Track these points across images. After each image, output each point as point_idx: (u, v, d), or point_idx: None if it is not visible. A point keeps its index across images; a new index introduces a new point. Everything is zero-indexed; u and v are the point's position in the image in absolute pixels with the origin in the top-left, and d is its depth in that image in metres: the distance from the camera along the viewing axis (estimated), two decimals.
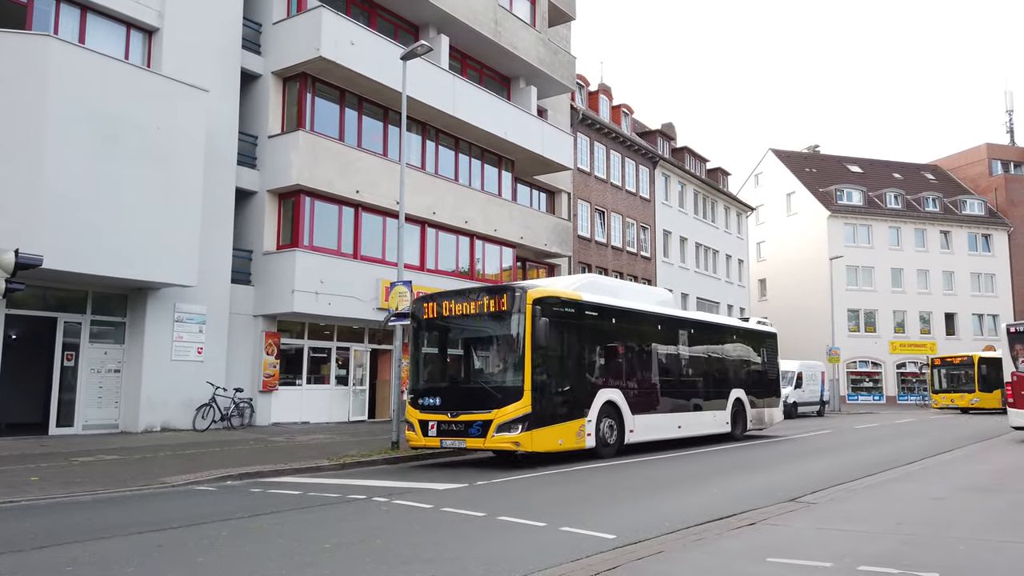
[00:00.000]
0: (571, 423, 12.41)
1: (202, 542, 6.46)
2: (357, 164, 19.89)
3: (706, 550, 6.07)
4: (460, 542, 6.44)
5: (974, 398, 35.57)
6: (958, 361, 37.12)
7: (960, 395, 36.29)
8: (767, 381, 19.82)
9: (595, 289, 14.39)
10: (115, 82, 15.09)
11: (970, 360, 36.36)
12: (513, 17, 25.26)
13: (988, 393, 34.77)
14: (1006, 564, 5.55)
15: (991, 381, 34.47)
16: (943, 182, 59.63)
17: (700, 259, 42.03)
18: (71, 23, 15.98)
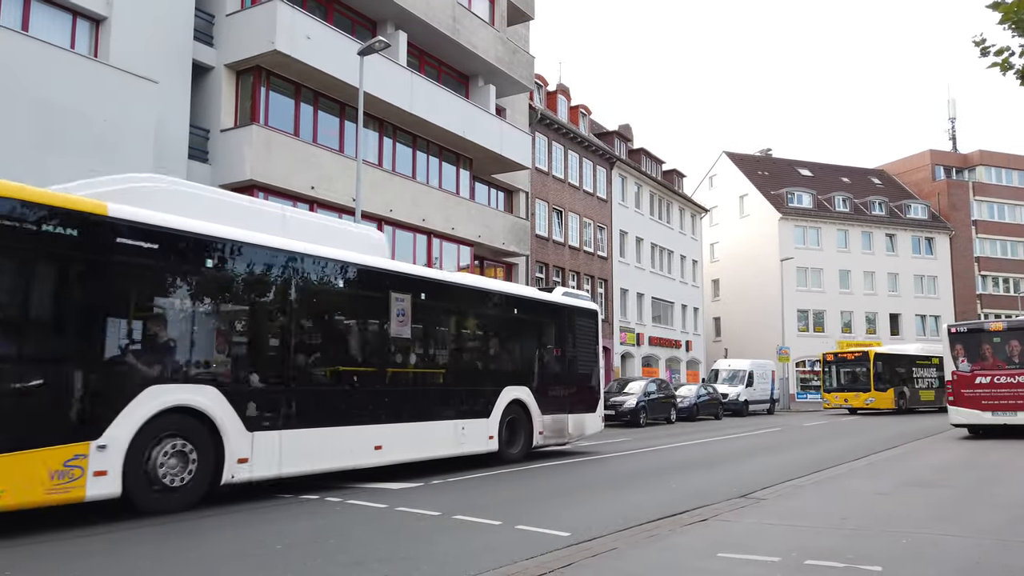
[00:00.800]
0: None
1: (149, 545, 6.30)
2: (312, 160, 19.62)
3: (659, 546, 6.16)
4: (414, 541, 6.40)
5: (868, 398, 32.83)
6: (852, 357, 34.43)
7: (854, 394, 33.32)
8: (575, 377, 14.43)
9: (156, 200, 7.98)
10: (60, 72, 14.58)
11: (865, 356, 33.71)
12: (472, 15, 25.21)
13: (883, 392, 32.67)
14: (945, 556, 5.75)
15: (886, 379, 33.08)
16: (889, 187, 61.42)
17: (655, 259, 42.54)
18: (14, 10, 15.40)
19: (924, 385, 35.28)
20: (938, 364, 32.89)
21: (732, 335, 51.87)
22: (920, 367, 35.43)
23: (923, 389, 35.12)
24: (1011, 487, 9.67)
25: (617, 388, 25.07)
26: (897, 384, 33.38)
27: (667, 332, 42.89)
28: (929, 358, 35.43)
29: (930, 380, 35.34)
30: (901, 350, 36.68)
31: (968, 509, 7.96)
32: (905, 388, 33.83)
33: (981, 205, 59.43)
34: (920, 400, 34.71)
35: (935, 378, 34.53)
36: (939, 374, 32.76)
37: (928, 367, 35.46)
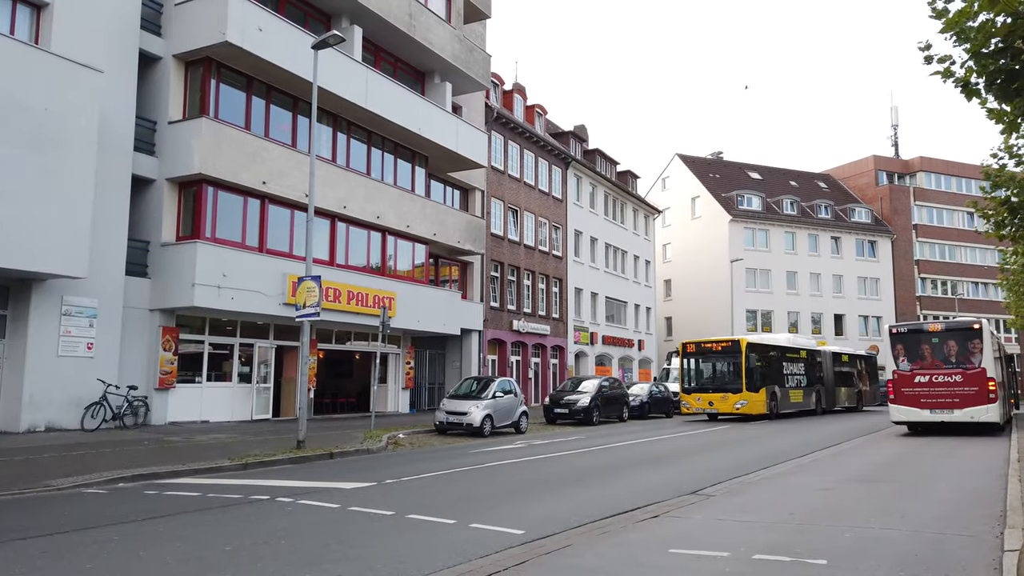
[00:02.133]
0: None
1: (91, 548, 6.10)
2: (264, 154, 19.24)
3: (612, 542, 6.22)
4: (367, 541, 6.34)
5: (739, 400, 25.48)
6: (719, 347, 26.90)
7: (721, 395, 25.88)
8: None
9: None
10: None
11: (736, 347, 26.30)
12: (428, 12, 25.04)
13: (755, 393, 25.64)
14: (886, 549, 5.93)
15: (758, 377, 26.07)
16: (834, 191, 63.09)
17: (609, 259, 42.92)
18: None
19: (793, 384, 29.08)
20: (807, 359, 30.37)
21: (683, 334, 52.50)
22: (790, 362, 29.33)
23: (792, 389, 28.91)
24: (948, 482, 10.04)
25: (571, 387, 25.19)
26: (769, 383, 26.96)
27: (620, 331, 43.33)
28: (798, 351, 30.22)
29: (798, 378, 29.59)
30: (773, 340, 30.56)
31: (908, 504, 8.23)
32: (777, 388, 27.56)
33: (921, 210, 61.49)
34: (790, 402, 28.61)
35: (802, 376, 29.95)
36: (808, 372, 30.16)
37: (796, 362, 29.82)
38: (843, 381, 34.22)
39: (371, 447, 14.23)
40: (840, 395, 33.49)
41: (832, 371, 32.94)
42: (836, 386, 33.16)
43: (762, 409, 25.96)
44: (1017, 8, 6.78)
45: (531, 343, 33.86)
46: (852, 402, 34.81)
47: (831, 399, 32.45)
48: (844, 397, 33.87)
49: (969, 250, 61.75)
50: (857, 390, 35.47)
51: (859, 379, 36.07)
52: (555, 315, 36.17)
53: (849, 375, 35.14)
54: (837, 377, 33.49)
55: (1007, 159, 13.64)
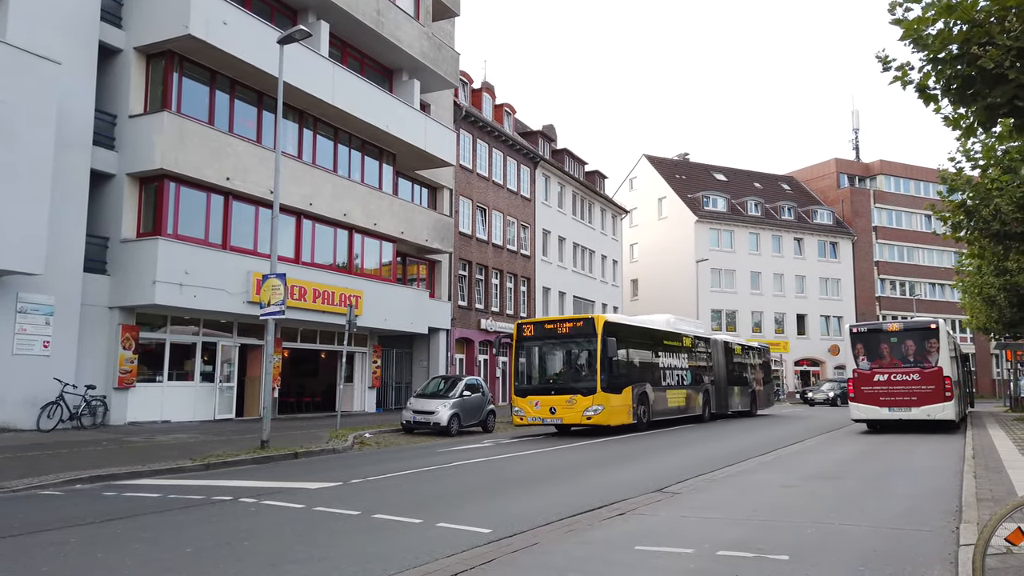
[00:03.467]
0: None
1: (48, 550, 5.94)
2: (228, 150, 18.93)
3: (578, 540, 6.24)
4: (333, 542, 6.27)
5: (593, 405, 18.04)
6: (567, 328, 19.24)
7: (566, 398, 18.44)
8: None
9: None
10: None
11: (589, 327, 18.72)
12: (396, 8, 24.86)
13: (615, 395, 18.42)
14: (846, 544, 6.04)
15: (621, 371, 19.09)
16: (797, 193, 64.18)
17: (577, 259, 43.10)
18: None
19: (672, 382, 22.19)
20: (691, 349, 24.06)
21: None
22: (668, 352, 22.32)
23: (671, 388, 21.93)
24: (906, 478, 10.27)
25: None
26: (637, 381, 19.82)
27: None
28: (679, 338, 23.29)
29: (680, 375, 22.80)
30: (645, 322, 23.45)
31: (868, 500, 8.40)
32: (649, 388, 20.37)
33: (881, 212, 62.86)
34: (667, 406, 21.57)
35: (685, 371, 23.20)
36: (693, 367, 23.81)
37: (677, 353, 22.89)
38: (737, 379, 28.14)
39: (337, 447, 14.10)
40: (733, 396, 27.44)
41: (725, 366, 26.97)
42: (729, 385, 27.14)
43: (625, 417, 18.70)
44: (973, 16, 6.95)
45: (499, 342, 33.86)
46: (745, 405, 28.84)
47: (723, 401, 26.42)
48: (738, 399, 27.99)
49: (927, 252, 63.29)
50: (751, 390, 29.65)
51: (753, 376, 30.27)
52: (523, 314, 36.20)
53: (743, 371, 29.20)
54: (731, 374, 27.37)
55: (964, 163, 14.01)
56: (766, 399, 32.02)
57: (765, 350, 33.39)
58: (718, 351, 26.92)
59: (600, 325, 18.50)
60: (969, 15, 6.92)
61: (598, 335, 18.30)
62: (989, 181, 14.89)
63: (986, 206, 15.44)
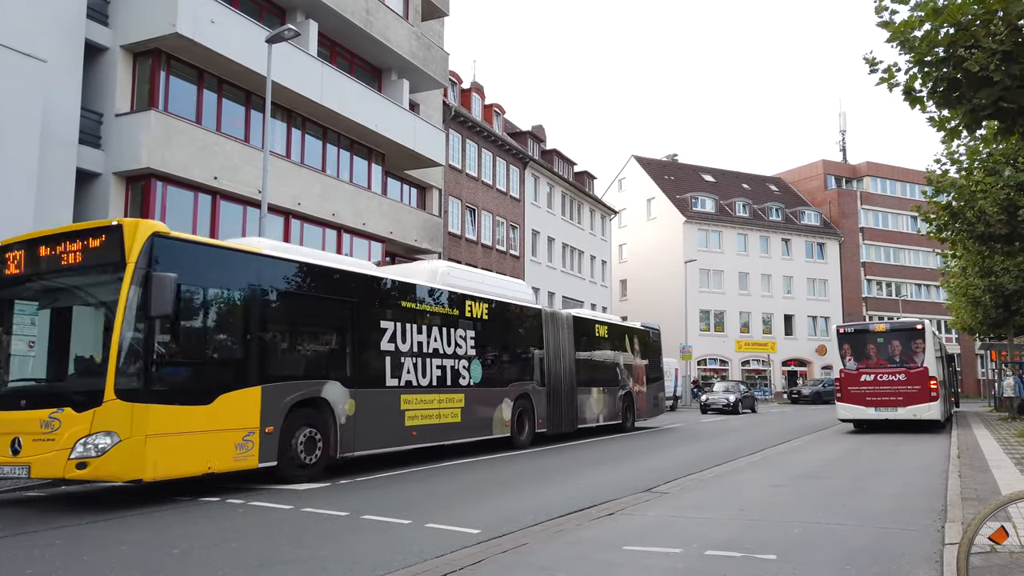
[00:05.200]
0: None
1: (32, 552, 5.89)
2: (215, 149, 18.82)
3: (567, 540, 6.25)
4: (321, 543, 6.25)
5: (89, 437, 7.71)
6: (74, 257, 8.63)
7: (37, 418, 8.11)
8: None
9: None
10: None
11: (113, 248, 8.27)
12: (385, 8, 24.80)
13: (196, 407, 8.59)
14: (833, 543, 6.08)
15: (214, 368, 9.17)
16: (785, 194, 64.55)
17: (566, 259, 43.16)
18: None
19: (426, 380, 12.84)
20: (486, 322, 14.53)
21: None
22: (422, 327, 12.90)
23: (418, 391, 12.51)
24: (891, 477, 10.35)
25: None
26: (284, 374, 10.10)
27: None
28: (459, 302, 14.02)
29: (451, 368, 13.58)
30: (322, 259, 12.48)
31: (854, 499, 8.45)
32: (336, 395, 10.74)
33: (867, 213, 63.32)
34: (410, 424, 12.31)
35: (467, 362, 13.99)
36: (498, 352, 15.04)
37: (452, 329, 13.73)
38: (596, 377, 18.60)
39: None
40: (588, 403, 17.97)
41: (569, 356, 17.34)
42: (581, 386, 17.61)
43: (221, 459, 8.85)
44: (959, 19, 7.01)
45: None
46: (612, 415, 19.09)
47: (564, 412, 16.80)
48: (598, 407, 18.43)
49: (913, 253, 63.79)
50: (624, 393, 19.84)
51: (628, 373, 20.40)
52: None
53: (609, 365, 19.51)
54: (583, 369, 17.90)
55: (949, 165, 14.12)
56: (651, 405, 21.91)
57: (651, 334, 22.76)
58: (558, 332, 16.85)
59: (137, 238, 8.23)
60: (955, 18, 6.98)
61: (129, 267, 8.10)
62: (973, 183, 15.01)
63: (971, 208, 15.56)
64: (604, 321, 20.26)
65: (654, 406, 22.44)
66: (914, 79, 7.74)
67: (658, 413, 23.24)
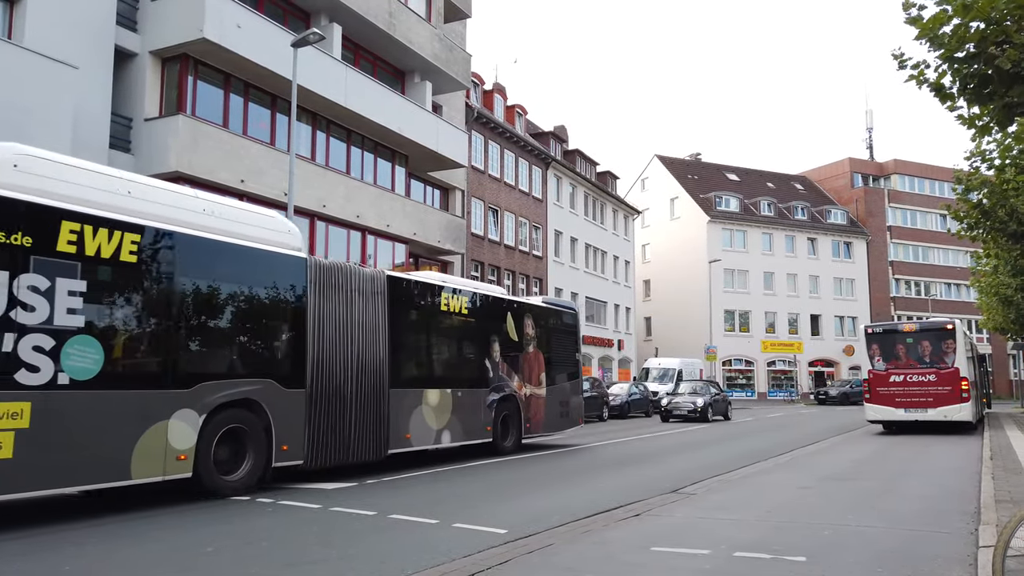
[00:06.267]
0: None
1: (68, 549, 6.02)
2: (242, 152, 19.06)
3: (593, 541, 6.25)
4: (350, 542, 6.31)
5: None
6: None
7: None
8: None
9: None
10: None
11: None
12: (408, 11, 24.96)
13: None
14: (863, 545, 6.02)
15: None
16: (810, 192, 63.85)
17: (589, 259, 43.07)
18: None
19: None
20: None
21: (662, 334, 53.01)
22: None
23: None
24: (922, 479, 10.21)
25: None
26: None
27: (600, 331, 43.50)
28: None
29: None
30: None
31: (885, 501, 8.35)
32: None
33: (895, 211, 62.43)
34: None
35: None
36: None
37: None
38: (433, 373, 12.46)
39: None
40: (425, 415, 11.84)
41: (371, 338, 10.92)
42: (398, 386, 11.28)
43: None
44: (990, 14, 6.91)
45: None
46: (474, 432, 13.01)
47: (347, 431, 10.34)
48: (449, 421, 12.37)
49: (942, 251, 62.78)
50: (502, 397, 13.80)
51: (508, 369, 14.06)
52: None
53: (468, 358, 13.34)
54: (405, 360, 11.73)
55: (979, 163, 13.90)
56: (555, 415, 15.54)
57: (559, 315, 16.35)
58: (348, 300, 10.72)
59: None
60: (986, 13, 6.88)
61: None
62: (1005, 181, 14.76)
63: (1002, 206, 15.32)
64: (457, 290, 13.02)
65: (561, 416, 15.74)
66: (943, 76, 7.64)
67: (569, 425, 16.20)
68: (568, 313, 16.86)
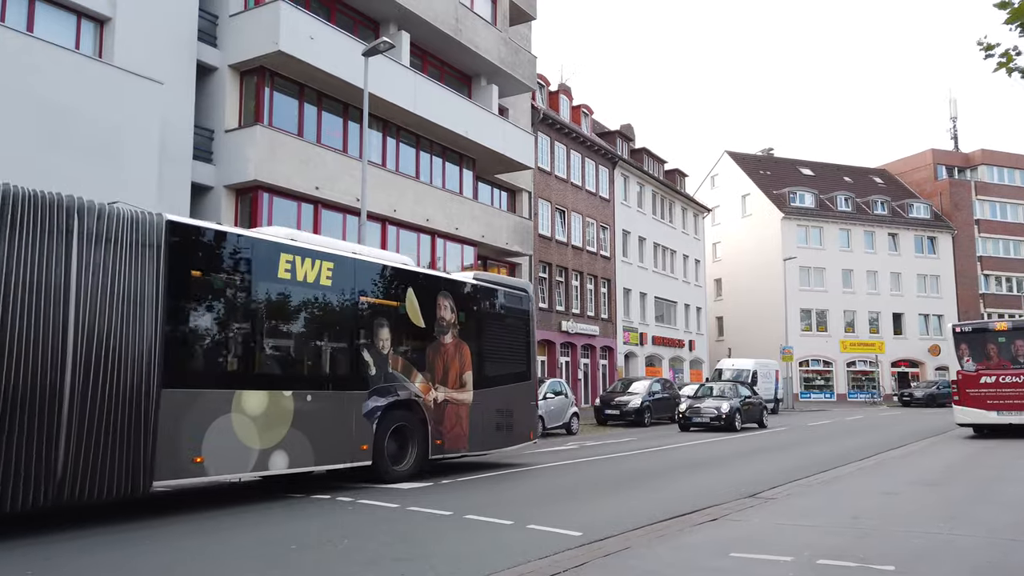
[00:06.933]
0: None
1: (161, 543, 6.31)
2: (316, 160, 19.62)
3: (671, 545, 6.17)
4: (427, 541, 6.42)
5: None
6: None
7: None
8: None
9: None
10: (65, 73, 14.58)
11: None
12: (474, 15, 25.21)
13: None
14: (958, 555, 5.75)
15: None
16: (891, 186, 61.37)
17: (658, 259, 42.54)
18: (19, 11, 15.40)
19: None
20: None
21: (735, 334, 51.89)
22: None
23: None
24: (1019, 486, 9.68)
25: (621, 388, 25.08)
26: None
27: (670, 332, 42.90)
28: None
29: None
30: None
31: (978, 508, 7.96)
32: None
33: (983, 204, 59.35)
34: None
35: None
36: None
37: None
38: (272, 371, 8.87)
39: None
40: (238, 431, 8.06)
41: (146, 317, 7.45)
42: (175, 385, 7.64)
43: None
44: None
45: (580, 344, 33.76)
46: (335, 448, 9.28)
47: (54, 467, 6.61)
48: (262, 433, 8.31)
49: None
50: (389, 403, 9.99)
51: (403, 363, 10.35)
52: (604, 316, 35.99)
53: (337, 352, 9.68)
54: (190, 348, 8.04)
55: None
56: (488, 428, 11.87)
57: (502, 295, 12.67)
58: (125, 259, 7.44)
59: None
60: None
61: None
62: None
63: None
64: (311, 251, 9.46)
65: (499, 429, 11.99)
66: None
67: (514, 441, 12.48)
68: (513, 294, 12.85)
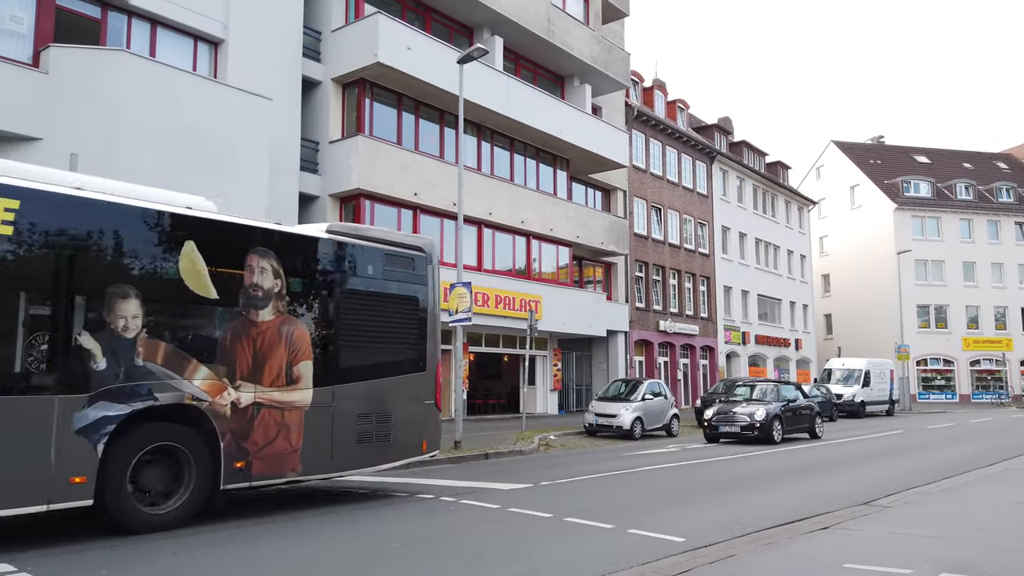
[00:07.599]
0: None
1: (260, 542, 6.64)
2: (415, 167, 20.15)
3: (779, 554, 5.97)
4: (528, 543, 6.47)
5: None
6: None
7: None
8: None
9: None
10: (184, 94, 15.59)
11: None
12: (566, 16, 25.20)
13: None
14: None
15: None
16: (1016, 171, 56.99)
17: (760, 255, 41.17)
18: (142, 37, 16.58)
19: None
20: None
21: (845, 333, 49.52)
22: None
23: None
24: None
25: (723, 389, 24.27)
26: None
27: (774, 330, 41.42)
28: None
29: None
30: None
31: None
32: None
33: None
34: None
35: None
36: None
37: None
38: None
39: (523, 448, 14.49)
40: None
41: None
42: None
43: None
44: None
45: (679, 344, 33.12)
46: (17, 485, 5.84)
47: None
48: None
49: None
50: (140, 411, 6.63)
51: (201, 353, 7.19)
52: (703, 314, 35.17)
53: None
54: None
55: None
56: (343, 440, 8.35)
57: (374, 254, 9.15)
58: None
59: None
60: None
61: None
62: None
63: None
64: None
65: (365, 441, 8.67)
66: None
67: (398, 456, 9.19)
68: (398, 254, 9.40)
